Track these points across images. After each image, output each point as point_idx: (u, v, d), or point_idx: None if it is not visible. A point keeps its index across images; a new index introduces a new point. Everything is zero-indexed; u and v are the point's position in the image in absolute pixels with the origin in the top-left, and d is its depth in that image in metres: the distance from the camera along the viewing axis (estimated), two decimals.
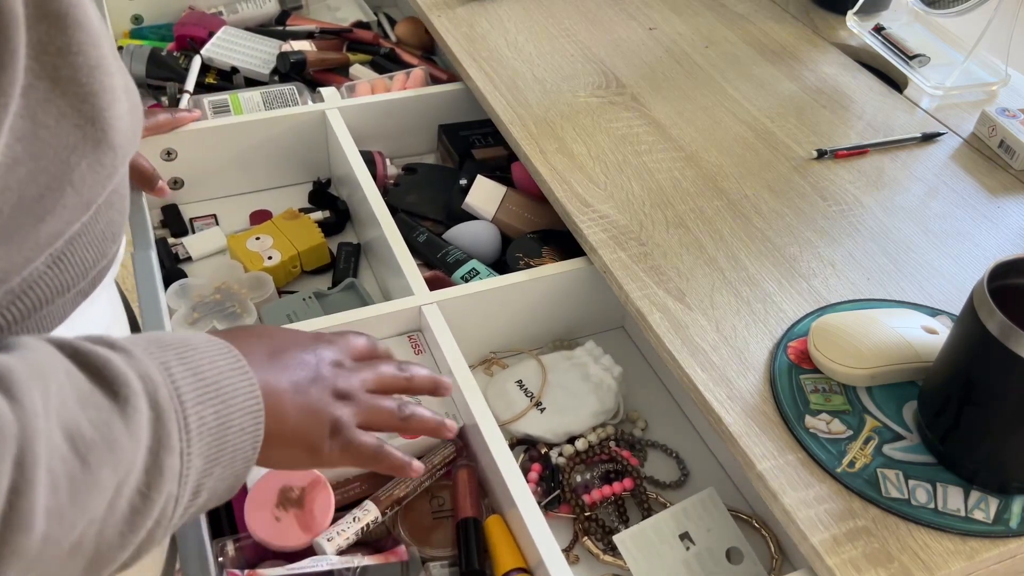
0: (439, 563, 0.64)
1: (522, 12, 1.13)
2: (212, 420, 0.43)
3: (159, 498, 0.40)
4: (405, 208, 0.96)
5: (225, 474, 0.45)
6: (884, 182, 0.88)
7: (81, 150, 0.43)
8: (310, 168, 1.04)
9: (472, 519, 0.65)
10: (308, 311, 0.82)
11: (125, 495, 0.38)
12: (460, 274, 0.85)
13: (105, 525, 0.38)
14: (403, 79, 1.11)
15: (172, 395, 0.41)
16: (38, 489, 0.33)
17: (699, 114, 0.96)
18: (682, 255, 0.77)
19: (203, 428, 0.42)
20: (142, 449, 0.39)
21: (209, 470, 0.43)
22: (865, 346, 0.64)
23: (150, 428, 0.39)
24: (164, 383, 0.41)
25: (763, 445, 0.62)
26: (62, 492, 0.35)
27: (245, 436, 0.45)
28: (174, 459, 0.40)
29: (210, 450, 0.43)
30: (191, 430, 0.42)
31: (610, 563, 0.66)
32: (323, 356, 0.54)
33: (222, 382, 0.44)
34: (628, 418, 0.79)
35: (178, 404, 0.41)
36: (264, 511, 0.62)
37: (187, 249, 0.92)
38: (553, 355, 0.80)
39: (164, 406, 0.41)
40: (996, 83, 1.04)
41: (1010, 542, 0.57)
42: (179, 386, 0.42)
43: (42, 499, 0.34)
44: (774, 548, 0.67)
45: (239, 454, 0.45)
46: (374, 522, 0.64)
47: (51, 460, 0.35)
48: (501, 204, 0.93)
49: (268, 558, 0.62)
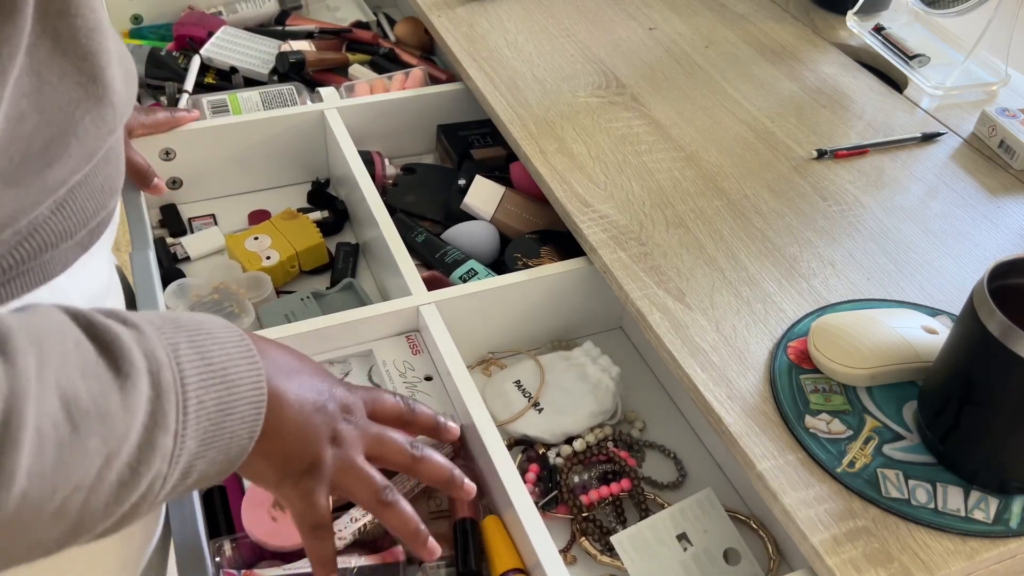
0: (436, 564, 0.64)
1: (522, 12, 1.13)
2: (212, 405, 0.43)
3: (148, 474, 0.40)
4: (404, 208, 0.96)
5: (218, 459, 0.45)
6: (884, 182, 0.88)
7: (84, 106, 0.46)
8: (309, 168, 1.04)
9: (469, 519, 0.65)
10: (306, 311, 0.82)
11: (115, 468, 0.39)
12: (458, 274, 0.85)
13: (91, 494, 0.38)
14: (402, 79, 1.11)
15: (175, 377, 0.42)
16: (23, 449, 0.34)
17: (699, 114, 0.96)
18: (682, 255, 0.77)
19: (201, 412, 0.43)
20: (137, 425, 0.39)
21: (202, 453, 0.43)
22: (865, 346, 0.64)
23: (148, 406, 0.40)
24: (169, 364, 0.42)
25: (763, 445, 0.61)
26: (48, 455, 0.35)
27: (244, 425, 0.45)
28: (167, 439, 0.41)
29: (206, 434, 0.43)
30: (189, 413, 0.42)
31: (607, 564, 0.66)
32: (336, 395, 0.53)
33: (229, 369, 0.45)
34: (626, 419, 0.78)
35: (180, 386, 0.42)
36: (261, 511, 0.62)
37: (185, 249, 0.92)
38: (551, 355, 0.80)
39: (165, 387, 0.41)
40: (996, 83, 1.04)
41: (1010, 542, 0.57)
42: (184, 368, 0.43)
43: (26, 459, 0.34)
44: (772, 549, 0.67)
45: (235, 441, 0.45)
46: (371, 522, 0.64)
47: (41, 422, 0.35)
48: (500, 204, 0.93)
49: (265, 558, 0.62)
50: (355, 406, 0.54)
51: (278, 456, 0.50)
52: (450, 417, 0.64)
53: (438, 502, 0.68)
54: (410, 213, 0.96)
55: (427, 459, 0.56)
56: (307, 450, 0.51)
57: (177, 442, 0.42)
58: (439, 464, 0.57)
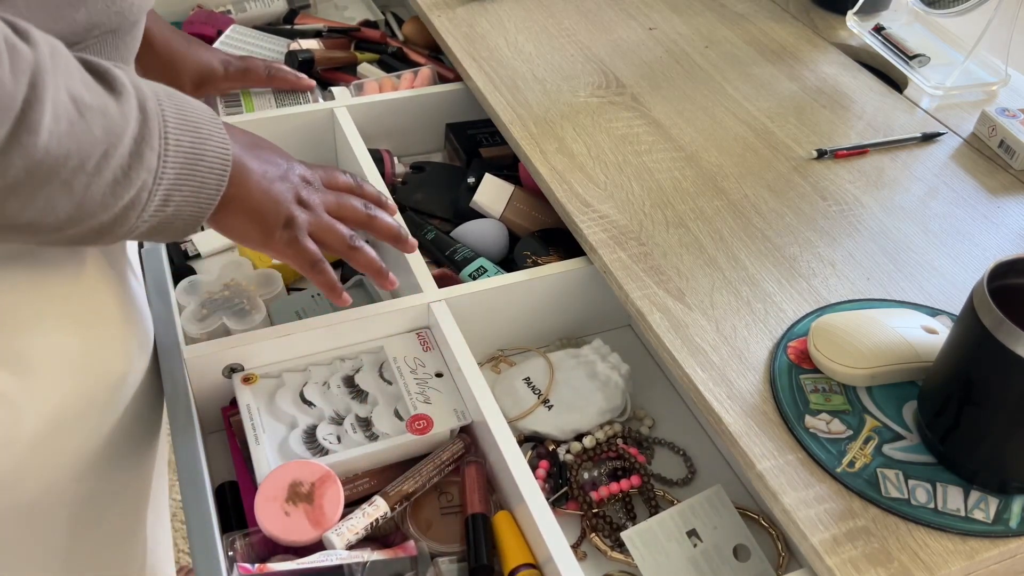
0: (448, 558, 0.64)
1: (522, 12, 1.13)
2: (188, 146, 0.52)
3: (136, 181, 0.48)
4: (413, 206, 0.96)
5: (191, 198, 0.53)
6: (884, 182, 0.88)
7: None
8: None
9: (481, 515, 0.65)
10: (317, 308, 0.82)
11: (111, 166, 0.47)
12: (468, 272, 0.85)
13: (93, 179, 0.46)
14: (411, 78, 1.11)
15: (158, 109, 0.50)
16: (46, 107, 0.42)
17: (699, 114, 0.96)
18: (682, 255, 0.77)
19: (179, 148, 0.51)
20: (129, 133, 0.47)
21: (179, 186, 0.52)
22: (865, 346, 0.64)
23: (136, 123, 0.48)
24: (153, 99, 0.50)
25: (763, 445, 0.61)
26: (62, 124, 0.43)
27: (213, 174, 0.54)
28: (152, 156, 0.49)
29: (183, 169, 0.51)
30: (169, 141, 0.50)
31: (618, 559, 0.66)
32: (295, 168, 0.64)
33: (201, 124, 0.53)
34: (635, 416, 0.79)
35: (161, 118, 0.50)
36: (274, 506, 0.62)
37: (196, 246, 0.92)
38: (560, 353, 0.80)
39: (150, 112, 0.49)
40: (996, 83, 1.04)
41: (1010, 542, 0.57)
42: (164, 108, 0.51)
43: (48, 118, 0.42)
44: (781, 546, 0.67)
45: (205, 188, 0.54)
46: (383, 517, 0.64)
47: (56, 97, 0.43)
48: (509, 202, 0.93)
49: (278, 552, 0.62)
50: (312, 177, 0.65)
51: (253, 215, 0.60)
52: (460, 413, 0.69)
53: (449, 498, 0.69)
54: (419, 211, 0.96)
55: (378, 216, 0.68)
56: (278, 209, 0.61)
57: (160, 162, 0.50)
58: (388, 220, 0.69)
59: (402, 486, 0.66)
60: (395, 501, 0.65)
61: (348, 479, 0.68)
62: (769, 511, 0.69)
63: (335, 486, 0.64)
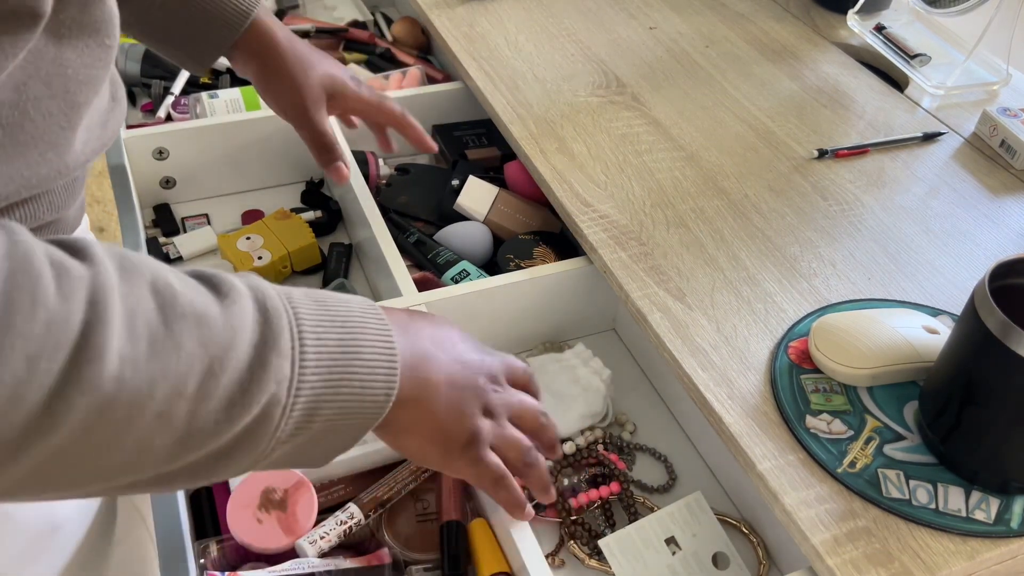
0: (422, 567, 0.63)
1: (522, 12, 1.13)
2: (334, 344, 0.42)
3: (260, 396, 0.39)
4: (397, 208, 0.95)
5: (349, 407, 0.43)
6: (885, 182, 0.87)
7: None
8: (303, 168, 1.03)
9: (455, 522, 0.64)
10: None
11: (222, 382, 0.38)
12: (450, 275, 0.84)
13: (198, 405, 0.38)
14: (399, 79, 1.11)
15: (285, 305, 0.42)
16: (112, 329, 0.34)
17: (699, 113, 0.96)
18: (682, 255, 0.77)
19: (322, 348, 0.42)
20: (243, 342, 0.39)
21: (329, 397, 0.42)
22: (866, 346, 0.64)
23: (255, 326, 0.40)
24: (277, 296, 0.42)
25: (763, 445, 0.61)
26: (140, 344, 0.36)
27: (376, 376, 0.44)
28: (283, 363, 0.40)
29: (331, 373, 0.42)
30: (306, 343, 0.41)
31: (595, 568, 0.66)
32: (487, 365, 0.54)
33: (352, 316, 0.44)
34: (617, 421, 0.78)
35: (291, 316, 0.41)
36: (246, 513, 0.61)
37: (178, 248, 0.92)
38: (542, 357, 0.80)
39: (273, 311, 0.41)
40: (997, 82, 1.04)
41: (1011, 542, 0.57)
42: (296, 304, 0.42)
43: (116, 340, 0.34)
44: (761, 553, 0.67)
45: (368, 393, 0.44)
46: (357, 525, 0.63)
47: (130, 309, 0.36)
48: (493, 205, 0.92)
49: (250, 560, 0.62)
50: (499, 374, 0.55)
51: (436, 433, 0.50)
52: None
53: (425, 504, 0.68)
54: (403, 213, 0.95)
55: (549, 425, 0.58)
56: (463, 423, 0.51)
57: (295, 369, 0.41)
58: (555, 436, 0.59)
59: (376, 493, 0.65)
60: (370, 508, 0.64)
61: (322, 486, 0.67)
62: (751, 518, 0.69)
63: (309, 493, 0.63)
